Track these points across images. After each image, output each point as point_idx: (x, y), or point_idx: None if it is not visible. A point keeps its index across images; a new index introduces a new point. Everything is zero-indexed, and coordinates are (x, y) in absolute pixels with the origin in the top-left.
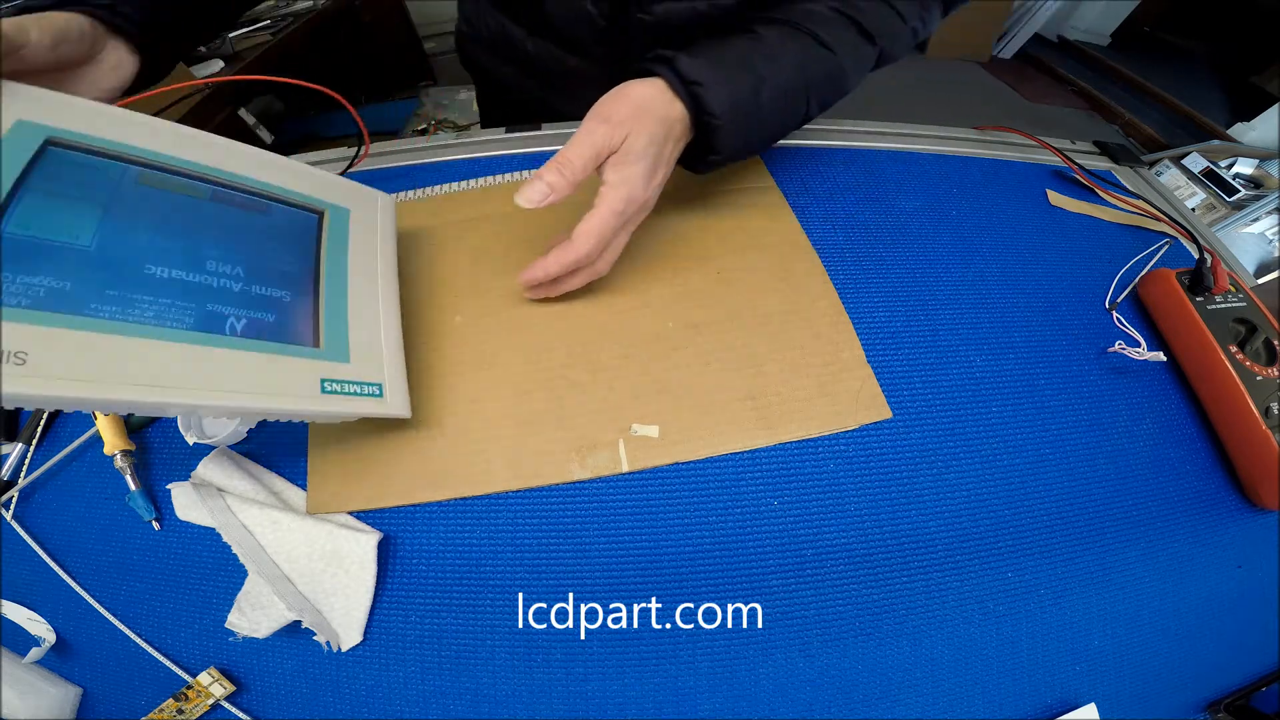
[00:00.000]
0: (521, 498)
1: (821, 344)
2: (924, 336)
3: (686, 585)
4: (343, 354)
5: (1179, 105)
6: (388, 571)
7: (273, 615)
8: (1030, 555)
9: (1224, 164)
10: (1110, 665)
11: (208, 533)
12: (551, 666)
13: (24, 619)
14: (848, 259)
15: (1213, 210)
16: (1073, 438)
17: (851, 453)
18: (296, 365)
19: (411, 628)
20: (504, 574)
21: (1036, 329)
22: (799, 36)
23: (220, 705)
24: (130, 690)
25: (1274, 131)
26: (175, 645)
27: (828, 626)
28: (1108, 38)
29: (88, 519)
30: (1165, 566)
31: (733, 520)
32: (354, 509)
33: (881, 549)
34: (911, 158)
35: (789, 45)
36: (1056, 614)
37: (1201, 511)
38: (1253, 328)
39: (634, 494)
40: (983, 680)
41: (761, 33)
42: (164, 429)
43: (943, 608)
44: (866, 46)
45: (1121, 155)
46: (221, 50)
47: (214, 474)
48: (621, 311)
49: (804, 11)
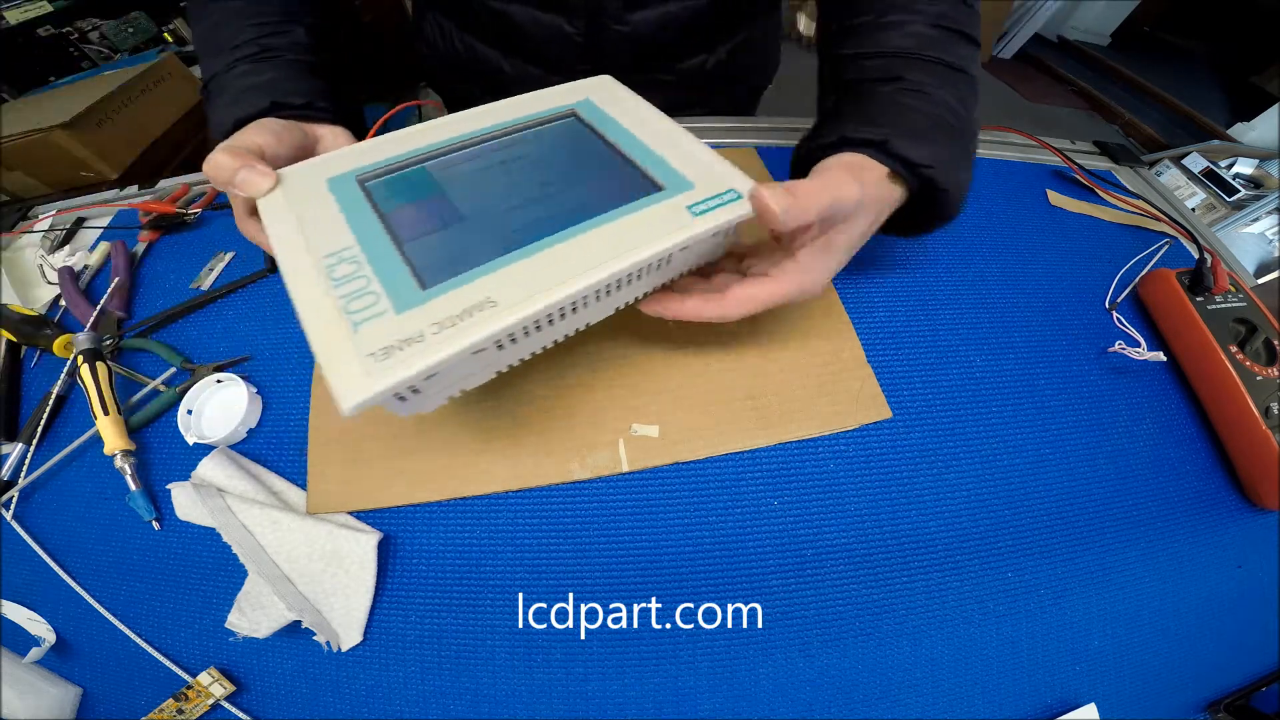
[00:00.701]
0: (521, 498)
1: (821, 344)
2: (924, 336)
3: (686, 585)
4: (685, 184)
5: (1179, 105)
6: (388, 571)
7: (273, 615)
8: (1030, 555)
9: (1224, 164)
10: (1110, 665)
11: (208, 533)
12: (551, 666)
13: (24, 619)
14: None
15: (1213, 210)
16: (1073, 438)
17: (851, 453)
18: (661, 210)
19: (411, 628)
20: (504, 574)
21: (1036, 329)
22: (938, 69)
23: (220, 705)
24: (130, 690)
25: (1274, 131)
26: (175, 645)
27: (828, 626)
28: (1108, 38)
29: (88, 519)
30: (1165, 566)
31: (733, 520)
32: (354, 509)
33: (881, 549)
34: None
35: (947, 85)
36: (1056, 614)
37: (1201, 511)
38: (1253, 328)
39: (634, 494)
40: (983, 680)
41: (922, 82)
42: (164, 429)
43: (943, 608)
44: (974, 49)
45: (1121, 155)
46: None
47: (214, 474)
48: (622, 311)
49: (922, 39)
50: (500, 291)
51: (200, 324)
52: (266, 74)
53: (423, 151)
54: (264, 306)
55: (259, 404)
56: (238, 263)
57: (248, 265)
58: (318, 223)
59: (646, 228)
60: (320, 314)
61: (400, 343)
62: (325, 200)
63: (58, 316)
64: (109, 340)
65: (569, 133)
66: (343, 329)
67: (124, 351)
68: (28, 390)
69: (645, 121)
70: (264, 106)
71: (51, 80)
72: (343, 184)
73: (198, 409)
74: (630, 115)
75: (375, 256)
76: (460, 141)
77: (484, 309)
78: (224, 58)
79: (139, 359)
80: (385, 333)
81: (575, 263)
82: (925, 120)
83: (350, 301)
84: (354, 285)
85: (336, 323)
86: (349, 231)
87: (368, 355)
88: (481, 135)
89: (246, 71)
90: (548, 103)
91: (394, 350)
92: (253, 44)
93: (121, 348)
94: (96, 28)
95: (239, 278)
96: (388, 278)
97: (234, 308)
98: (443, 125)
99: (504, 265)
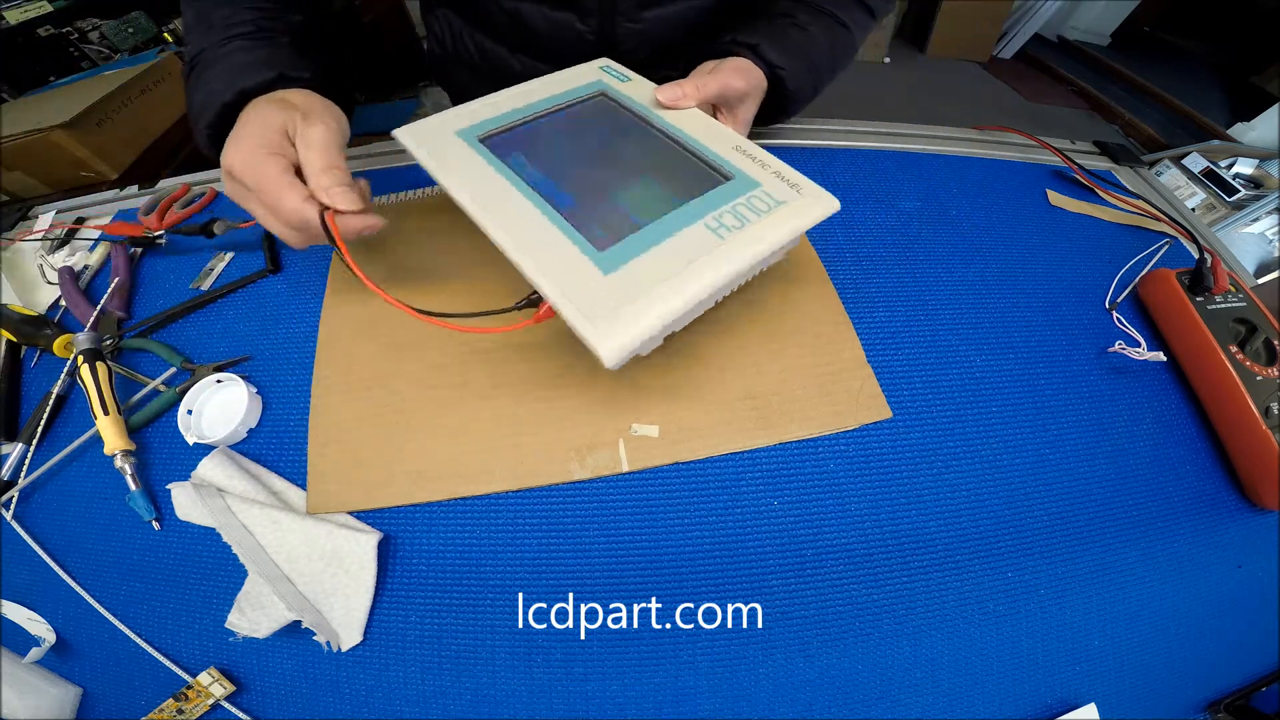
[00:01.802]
0: (521, 498)
1: (821, 344)
2: (924, 336)
3: (686, 585)
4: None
5: (1179, 105)
6: (388, 571)
7: (273, 615)
8: (1030, 555)
9: (1224, 164)
10: (1110, 665)
11: (208, 533)
12: (551, 666)
13: (24, 619)
14: (848, 259)
15: (1213, 210)
16: (1073, 438)
17: (851, 453)
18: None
19: (411, 628)
20: (504, 574)
21: (1036, 329)
22: (824, 18)
23: (220, 705)
24: (130, 690)
25: (1274, 131)
26: (175, 645)
27: (828, 626)
28: (1108, 38)
29: (88, 519)
30: (1165, 566)
31: (733, 520)
32: (354, 509)
33: (881, 549)
34: (911, 158)
35: (821, 28)
36: (1057, 614)
37: (1201, 511)
38: (1253, 328)
39: (634, 494)
40: (983, 680)
41: (803, 20)
42: (164, 429)
43: (943, 608)
44: (868, 18)
45: (1121, 155)
46: None
47: (214, 474)
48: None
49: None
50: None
51: (200, 324)
52: (264, 50)
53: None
54: (264, 306)
55: (259, 404)
56: (238, 263)
57: (248, 265)
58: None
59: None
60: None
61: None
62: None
63: (58, 316)
64: (109, 340)
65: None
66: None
67: (124, 351)
68: (28, 390)
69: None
70: (270, 78)
71: (51, 80)
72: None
73: (198, 409)
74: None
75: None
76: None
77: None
78: (217, 33)
79: (139, 359)
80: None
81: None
82: (794, 45)
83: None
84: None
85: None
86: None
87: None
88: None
89: (245, 47)
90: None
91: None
92: (249, 24)
93: (121, 348)
94: (96, 28)
95: (239, 278)
96: (576, 239)
97: (234, 308)
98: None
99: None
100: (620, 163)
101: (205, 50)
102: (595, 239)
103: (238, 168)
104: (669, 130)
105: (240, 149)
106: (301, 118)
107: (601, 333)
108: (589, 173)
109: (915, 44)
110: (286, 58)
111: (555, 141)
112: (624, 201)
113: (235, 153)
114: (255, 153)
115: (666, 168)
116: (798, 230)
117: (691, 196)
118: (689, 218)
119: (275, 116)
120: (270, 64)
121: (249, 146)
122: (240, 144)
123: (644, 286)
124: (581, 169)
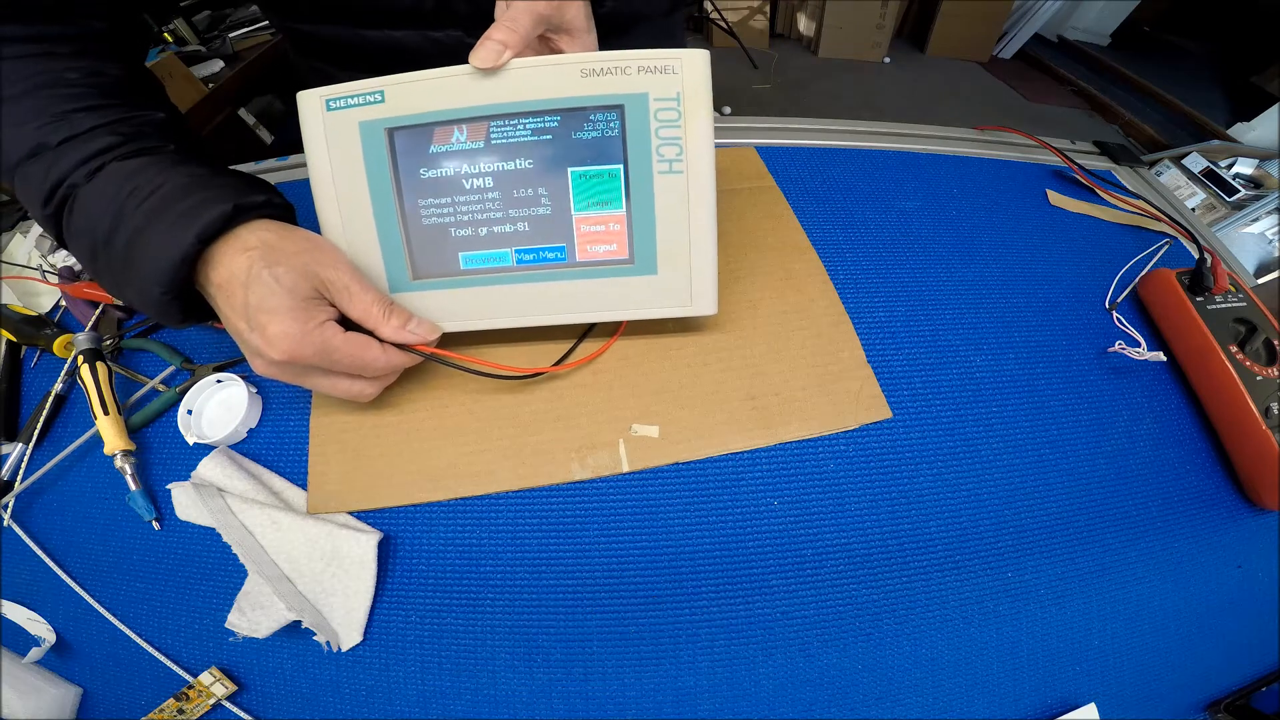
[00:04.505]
0: (521, 498)
1: (821, 344)
2: (924, 336)
3: (686, 585)
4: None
5: (1179, 105)
6: (388, 571)
7: (273, 615)
8: (1030, 555)
9: (1224, 164)
10: (1110, 665)
11: (208, 533)
12: (551, 666)
13: (24, 619)
14: (848, 259)
15: (1213, 210)
16: (1073, 438)
17: (851, 453)
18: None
19: (411, 628)
20: (504, 574)
21: (1036, 329)
22: None
23: (221, 705)
24: (130, 690)
25: (1274, 131)
26: (175, 645)
27: (828, 626)
28: (1108, 38)
29: (88, 519)
30: (1165, 566)
31: (733, 520)
32: (354, 509)
33: (881, 549)
34: (911, 158)
35: None
36: (1057, 614)
37: (1201, 511)
38: (1253, 328)
39: (634, 494)
40: (983, 680)
41: None
42: (164, 429)
43: (943, 608)
44: None
45: (1121, 155)
46: (221, 50)
47: (214, 474)
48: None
49: None
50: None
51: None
52: (171, 175)
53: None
54: None
55: (259, 404)
56: None
57: None
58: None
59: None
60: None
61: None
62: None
63: (58, 316)
64: (109, 340)
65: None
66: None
67: (124, 351)
68: (28, 390)
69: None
70: (227, 212)
71: None
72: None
73: (198, 409)
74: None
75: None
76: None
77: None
78: (68, 156)
79: (139, 359)
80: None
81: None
82: None
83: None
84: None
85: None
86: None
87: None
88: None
89: (133, 173)
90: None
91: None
92: (108, 135)
93: (121, 347)
94: None
95: None
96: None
97: None
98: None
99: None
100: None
101: (61, 184)
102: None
103: (301, 354)
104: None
105: (288, 334)
106: (303, 266)
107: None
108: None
109: (915, 44)
110: (208, 176)
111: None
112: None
113: (283, 341)
114: (309, 332)
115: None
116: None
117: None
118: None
119: (284, 278)
120: (211, 190)
121: (295, 328)
122: (278, 324)
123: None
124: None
